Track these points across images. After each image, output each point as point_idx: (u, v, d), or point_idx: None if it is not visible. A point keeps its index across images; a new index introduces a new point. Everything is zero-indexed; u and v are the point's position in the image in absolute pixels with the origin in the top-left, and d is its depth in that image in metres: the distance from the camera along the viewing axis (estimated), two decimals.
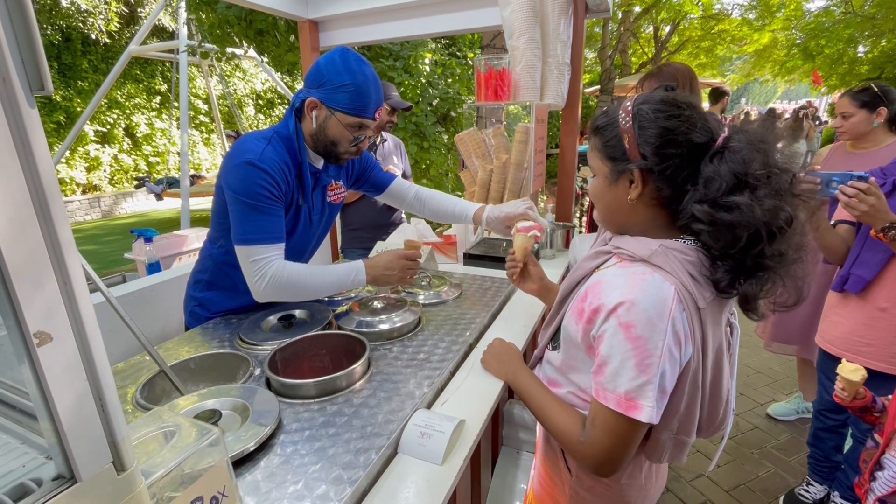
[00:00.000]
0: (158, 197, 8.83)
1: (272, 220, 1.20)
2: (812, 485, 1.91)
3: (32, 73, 0.33)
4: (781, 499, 1.96)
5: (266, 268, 1.18)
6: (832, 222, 1.59)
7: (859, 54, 12.20)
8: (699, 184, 0.72)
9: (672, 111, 0.74)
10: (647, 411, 0.70)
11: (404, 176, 2.55)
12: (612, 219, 0.85)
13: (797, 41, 12.85)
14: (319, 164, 1.35)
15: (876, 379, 1.44)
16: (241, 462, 0.80)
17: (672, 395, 0.74)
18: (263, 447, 0.83)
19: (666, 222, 0.79)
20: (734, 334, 0.87)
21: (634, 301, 0.71)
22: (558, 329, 0.91)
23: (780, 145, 0.74)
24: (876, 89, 1.82)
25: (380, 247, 1.99)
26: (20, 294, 0.32)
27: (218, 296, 1.44)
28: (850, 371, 1.24)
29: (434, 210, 1.61)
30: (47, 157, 0.33)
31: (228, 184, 1.19)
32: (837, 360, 1.59)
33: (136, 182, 9.78)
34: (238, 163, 1.17)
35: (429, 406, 1.00)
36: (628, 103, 0.78)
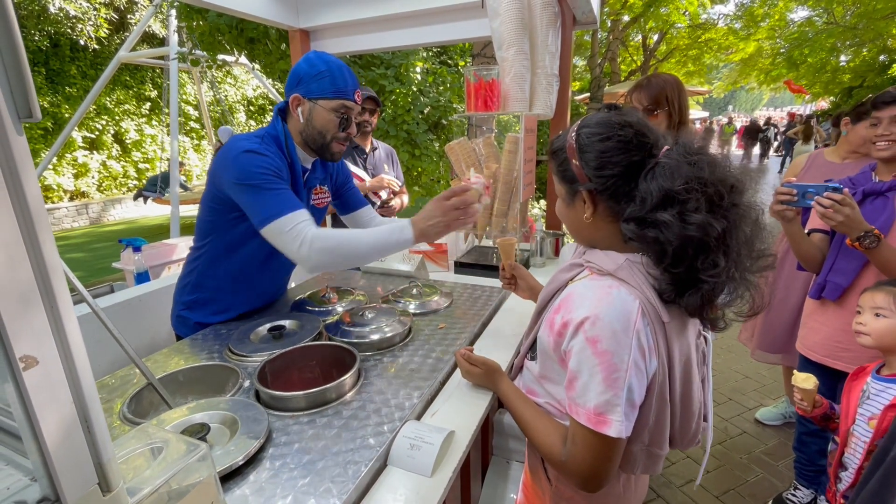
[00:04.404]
0: (139, 198, 8.62)
1: (284, 193, 1.19)
2: (799, 489, 1.93)
3: (20, 100, 0.33)
4: (769, 503, 1.98)
5: (302, 232, 1.14)
6: (806, 231, 1.62)
7: (842, 63, 12.50)
8: (636, 201, 0.73)
9: (605, 133, 0.75)
10: (616, 426, 0.71)
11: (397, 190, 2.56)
12: (579, 235, 0.88)
13: (781, 50, 13.14)
14: (308, 164, 1.37)
15: None
16: (230, 476, 0.80)
17: (641, 408, 0.75)
18: (252, 461, 0.83)
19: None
20: (708, 345, 0.87)
21: (599, 315, 0.71)
22: (536, 339, 0.92)
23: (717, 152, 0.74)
24: None
25: None
26: (6, 319, 0.32)
27: (205, 297, 1.44)
28: (802, 380, 1.30)
29: None
30: (35, 184, 0.33)
31: (230, 176, 1.19)
32: (818, 367, 1.62)
33: (136, 193, 9.50)
34: (235, 155, 1.18)
35: (418, 417, 1.00)
36: (573, 127, 0.80)
